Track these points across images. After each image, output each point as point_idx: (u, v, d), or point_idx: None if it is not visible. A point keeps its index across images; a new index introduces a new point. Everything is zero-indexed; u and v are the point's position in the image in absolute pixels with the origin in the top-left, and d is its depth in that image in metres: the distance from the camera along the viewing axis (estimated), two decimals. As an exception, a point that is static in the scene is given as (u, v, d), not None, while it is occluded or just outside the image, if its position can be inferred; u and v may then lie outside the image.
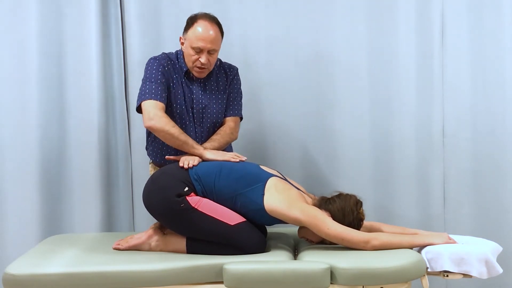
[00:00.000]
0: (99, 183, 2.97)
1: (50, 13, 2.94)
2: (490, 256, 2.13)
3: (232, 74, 2.67)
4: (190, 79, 2.58)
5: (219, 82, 2.63)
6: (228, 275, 2.09)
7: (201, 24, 2.49)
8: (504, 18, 2.93)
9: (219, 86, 2.63)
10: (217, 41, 2.51)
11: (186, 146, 2.43)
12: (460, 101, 2.98)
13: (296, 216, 2.22)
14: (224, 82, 2.64)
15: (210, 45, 2.48)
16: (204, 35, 2.47)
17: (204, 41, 2.47)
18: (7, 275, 2.11)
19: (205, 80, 2.60)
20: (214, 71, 2.62)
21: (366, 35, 2.98)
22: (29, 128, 2.95)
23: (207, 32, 2.48)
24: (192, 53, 2.49)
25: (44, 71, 2.95)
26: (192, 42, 2.48)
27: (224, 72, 2.66)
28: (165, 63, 2.53)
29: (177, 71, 2.56)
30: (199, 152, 2.43)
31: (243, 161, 2.43)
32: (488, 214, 2.99)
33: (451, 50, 2.97)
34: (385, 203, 3.02)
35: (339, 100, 3.01)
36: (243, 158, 2.44)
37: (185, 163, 2.37)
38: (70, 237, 2.63)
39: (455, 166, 3.00)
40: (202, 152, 2.43)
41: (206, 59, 2.49)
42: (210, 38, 2.48)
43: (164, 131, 2.42)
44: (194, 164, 2.37)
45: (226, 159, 2.41)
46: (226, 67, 2.68)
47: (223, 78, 2.65)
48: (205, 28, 2.48)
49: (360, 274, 2.05)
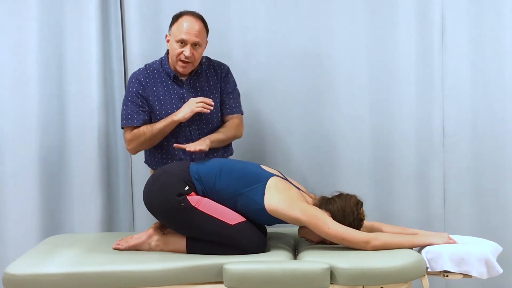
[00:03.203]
0: (99, 183, 2.97)
1: (50, 13, 2.94)
2: (490, 256, 2.13)
3: (223, 71, 2.66)
4: (178, 82, 2.58)
5: (209, 81, 2.63)
6: (228, 275, 2.09)
7: (186, 19, 2.52)
8: (504, 18, 2.93)
9: (209, 85, 2.63)
10: (201, 35, 2.52)
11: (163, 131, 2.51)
12: (460, 101, 2.98)
13: (296, 216, 2.22)
14: (215, 81, 2.64)
15: (194, 38, 2.49)
16: (188, 27, 2.49)
17: (188, 33, 2.49)
18: (7, 275, 2.11)
19: (195, 81, 2.60)
20: (203, 70, 2.62)
21: (366, 35, 2.98)
22: (29, 128, 2.94)
23: (191, 25, 2.50)
24: (176, 46, 2.50)
25: (44, 71, 2.95)
26: (176, 35, 2.50)
27: (214, 70, 2.65)
28: (141, 78, 2.57)
29: (162, 78, 2.58)
30: (170, 120, 2.49)
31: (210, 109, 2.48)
32: (488, 214, 2.99)
33: (451, 50, 2.97)
34: (385, 203, 3.02)
35: (339, 100, 3.00)
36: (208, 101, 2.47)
37: (191, 148, 2.40)
38: (70, 237, 2.63)
39: (455, 166, 2.99)
40: (173, 119, 2.49)
41: (190, 52, 2.49)
42: (194, 30, 2.49)
43: (140, 144, 2.55)
44: (201, 148, 2.41)
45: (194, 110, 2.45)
46: (216, 64, 2.67)
47: (213, 76, 2.64)
48: (189, 22, 2.51)
49: (360, 274, 2.05)
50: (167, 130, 2.52)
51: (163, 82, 2.57)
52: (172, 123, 2.50)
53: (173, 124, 2.50)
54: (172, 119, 2.49)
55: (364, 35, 2.98)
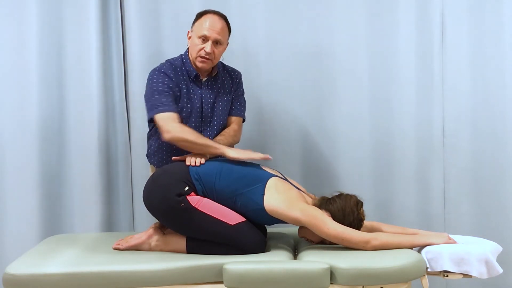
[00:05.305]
0: (99, 183, 2.97)
1: (50, 13, 2.94)
2: (490, 256, 2.13)
3: (237, 78, 2.69)
4: (198, 82, 2.58)
5: (224, 84, 2.64)
6: (228, 275, 2.09)
7: (209, 17, 2.53)
8: (504, 18, 2.94)
9: (224, 87, 2.64)
10: (223, 33, 2.53)
11: (207, 148, 2.42)
12: (460, 101, 2.98)
13: (296, 216, 2.22)
14: (229, 85, 2.66)
15: (216, 35, 2.50)
16: (211, 24, 2.50)
17: (211, 30, 2.49)
18: (7, 275, 2.11)
19: (213, 83, 2.61)
20: (219, 73, 2.63)
21: (366, 35, 2.98)
22: (29, 128, 2.94)
23: (214, 23, 2.51)
24: (198, 42, 2.50)
25: (44, 71, 2.95)
26: (199, 31, 2.50)
27: (229, 75, 2.67)
28: (170, 73, 2.53)
29: (183, 76, 2.56)
30: (221, 151, 2.42)
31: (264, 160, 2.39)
32: (488, 214, 2.99)
33: (451, 50, 2.97)
34: (385, 203, 3.02)
35: (339, 100, 3.01)
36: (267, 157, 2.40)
37: (191, 161, 2.37)
38: (70, 237, 2.63)
39: (455, 166, 3.00)
40: (224, 150, 2.42)
41: (211, 48, 2.49)
42: (217, 28, 2.50)
43: (183, 140, 2.41)
44: (201, 162, 2.37)
45: (250, 157, 2.39)
46: (230, 70, 2.69)
47: (228, 80, 2.66)
48: (213, 19, 2.52)
49: (360, 274, 2.05)
50: (209, 151, 2.42)
51: (185, 80, 2.56)
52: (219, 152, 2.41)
53: (220, 153, 2.42)
54: (223, 151, 2.41)
55: (364, 35, 2.99)
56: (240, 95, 2.69)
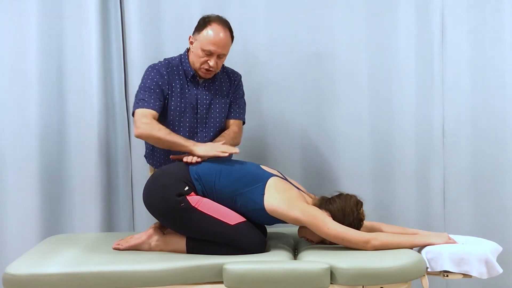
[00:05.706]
0: (99, 183, 2.97)
1: (50, 13, 2.94)
2: (490, 256, 2.13)
3: (236, 80, 2.68)
4: (195, 82, 2.58)
5: (222, 86, 2.64)
6: (228, 275, 2.09)
7: (214, 28, 2.48)
8: (504, 18, 2.94)
9: (222, 89, 2.63)
10: (227, 46, 2.52)
11: (175, 145, 2.42)
12: (460, 101, 2.98)
13: (296, 216, 2.22)
14: (227, 87, 2.65)
15: (221, 50, 2.49)
16: (216, 39, 2.47)
17: (215, 45, 2.47)
18: (7, 275, 2.11)
19: (210, 84, 2.60)
20: (217, 75, 2.62)
21: (366, 35, 2.98)
22: (29, 128, 2.95)
23: (219, 37, 2.47)
24: (201, 55, 2.49)
25: (44, 71, 2.95)
26: (203, 44, 2.48)
27: (228, 77, 2.67)
28: (164, 71, 2.53)
29: (179, 76, 2.56)
30: (189, 148, 2.41)
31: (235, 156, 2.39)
32: (488, 214, 2.99)
33: (451, 50, 2.97)
34: (385, 203, 3.02)
35: (339, 100, 3.01)
36: (234, 150, 2.41)
37: (189, 158, 2.37)
38: (70, 237, 2.63)
39: (455, 166, 3.00)
40: (192, 148, 2.41)
41: (215, 62, 2.49)
42: (221, 43, 2.48)
43: (150, 136, 2.43)
44: (197, 160, 2.37)
45: (215, 154, 2.38)
46: (230, 72, 2.69)
47: (227, 83, 2.66)
48: (217, 32, 2.47)
49: (360, 274, 2.05)
50: (178, 148, 2.43)
51: (181, 79, 2.56)
52: (187, 149, 2.41)
53: (187, 150, 2.41)
54: (191, 148, 2.40)
55: (364, 35, 2.98)
56: (239, 97, 2.69)
